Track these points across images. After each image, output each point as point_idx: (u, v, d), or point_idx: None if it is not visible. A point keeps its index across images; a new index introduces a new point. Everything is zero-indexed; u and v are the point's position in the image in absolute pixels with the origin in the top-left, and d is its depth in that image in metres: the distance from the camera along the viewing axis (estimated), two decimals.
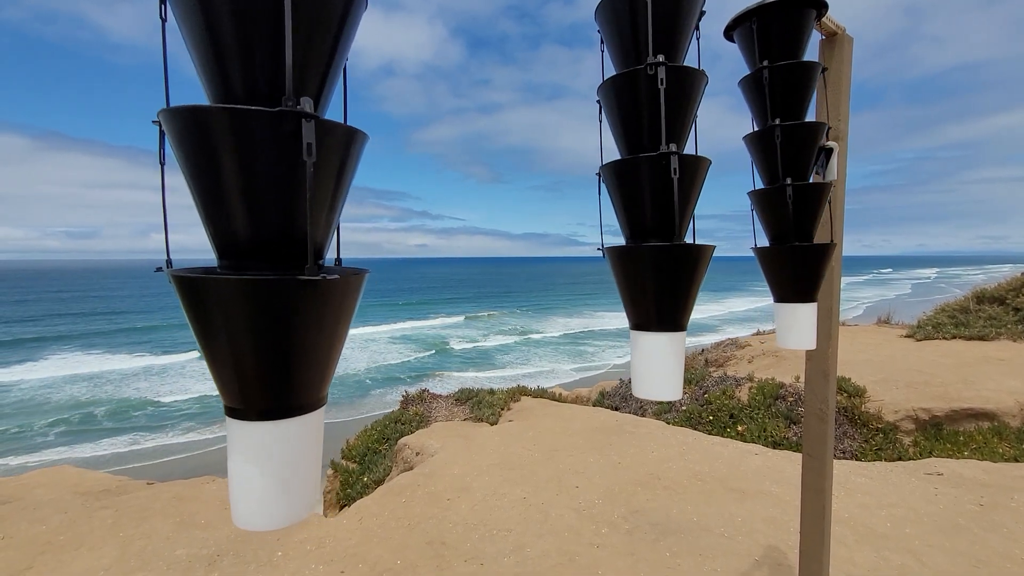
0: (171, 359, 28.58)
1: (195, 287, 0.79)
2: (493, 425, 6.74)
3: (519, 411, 7.29)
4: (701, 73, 1.23)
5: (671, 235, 1.21)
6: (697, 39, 1.31)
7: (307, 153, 0.76)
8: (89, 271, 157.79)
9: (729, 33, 1.77)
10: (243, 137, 0.75)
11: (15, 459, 14.38)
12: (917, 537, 3.68)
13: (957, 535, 3.71)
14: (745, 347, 11.17)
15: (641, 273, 1.25)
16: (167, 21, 0.85)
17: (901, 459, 5.94)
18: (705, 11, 1.27)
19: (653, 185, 1.20)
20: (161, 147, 0.86)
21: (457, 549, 3.62)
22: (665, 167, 1.16)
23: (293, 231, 0.81)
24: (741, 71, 1.75)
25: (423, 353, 31.48)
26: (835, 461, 4.44)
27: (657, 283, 1.23)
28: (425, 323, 45.45)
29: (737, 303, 55.04)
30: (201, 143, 0.76)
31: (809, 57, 1.69)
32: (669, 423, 6.86)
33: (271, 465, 0.86)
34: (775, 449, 5.81)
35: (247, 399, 0.84)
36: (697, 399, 7.65)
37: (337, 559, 3.52)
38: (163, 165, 0.88)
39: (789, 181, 1.66)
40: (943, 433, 6.39)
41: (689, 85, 1.21)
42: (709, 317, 44.89)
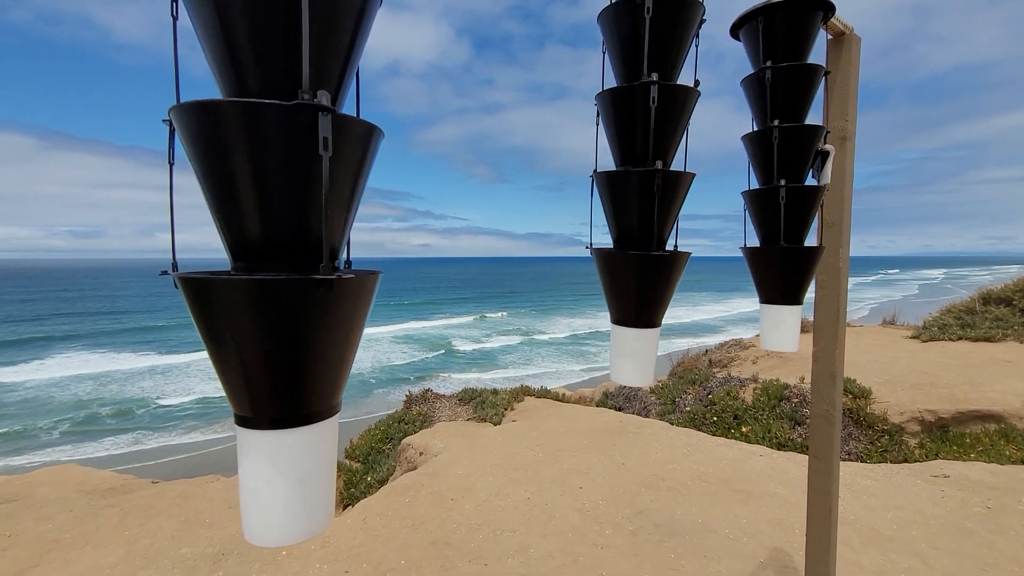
0: (175, 359, 28.68)
1: (204, 289, 0.77)
2: (497, 425, 6.74)
3: (523, 411, 7.29)
4: (693, 90, 1.29)
5: (651, 244, 1.32)
6: (696, 47, 1.34)
7: (324, 147, 0.74)
8: (94, 270, 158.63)
9: (735, 31, 1.77)
10: (258, 131, 0.73)
11: (21, 458, 14.46)
12: (923, 539, 3.66)
13: (964, 538, 3.68)
14: (749, 348, 11.13)
15: (623, 275, 1.38)
16: (178, 19, 0.83)
17: (907, 461, 5.91)
18: (705, 19, 1.29)
19: (639, 197, 1.30)
20: (171, 145, 0.84)
21: (461, 549, 3.61)
22: (650, 182, 1.26)
23: (308, 229, 0.79)
24: (745, 70, 1.75)
25: (426, 353, 31.50)
26: (841, 463, 4.41)
27: (637, 286, 1.37)
28: (428, 323, 45.47)
29: (741, 304, 54.84)
30: (214, 139, 0.74)
31: (816, 57, 1.69)
32: (673, 424, 6.84)
33: (285, 477, 0.82)
34: (780, 450, 5.79)
35: (258, 407, 0.81)
36: (701, 400, 7.63)
37: (341, 558, 3.53)
38: (172, 165, 0.86)
39: (783, 183, 1.67)
40: (949, 435, 6.35)
41: (680, 103, 1.28)
42: (713, 318, 44.74)
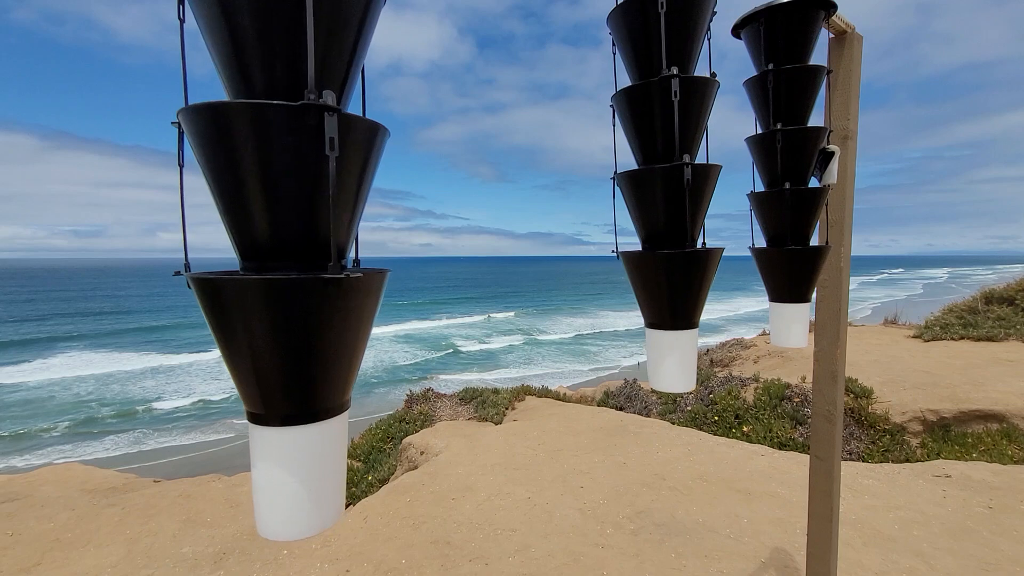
0: (177, 359, 28.74)
1: (216, 289, 0.78)
2: (498, 425, 6.74)
3: (524, 411, 7.29)
4: (713, 81, 1.26)
5: (683, 241, 1.27)
6: (708, 40, 1.32)
7: (330, 147, 0.74)
8: (96, 270, 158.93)
9: (736, 32, 1.76)
10: (265, 132, 0.74)
11: (23, 457, 14.50)
12: (925, 540, 3.65)
13: (966, 538, 3.67)
14: (751, 347, 11.12)
15: (655, 277, 1.33)
16: (185, 22, 0.84)
17: (909, 461, 5.90)
18: (716, 11, 1.28)
19: (667, 194, 1.25)
20: (180, 147, 0.84)
21: (462, 549, 3.62)
22: (679, 177, 1.22)
23: (316, 229, 0.80)
24: (748, 70, 1.75)
25: (428, 353, 31.52)
26: (842, 463, 4.41)
27: (670, 286, 1.31)
28: (430, 323, 45.50)
29: (743, 303, 54.79)
30: (223, 140, 0.75)
31: (818, 55, 1.68)
32: (674, 423, 6.84)
33: (297, 473, 0.83)
34: (781, 450, 5.78)
35: (270, 404, 0.82)
36: (702, 399, 7.62)
37: (342, 558, 3.53)
38: (182, 167, 0.87)
39: (788, 185, 1.69)
40: (951, 435, 6.34)
41: (702, 95, 1.25)
42: (715, 317, 44.69)
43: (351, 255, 0.99)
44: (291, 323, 0.77)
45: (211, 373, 24.82)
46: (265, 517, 0.85)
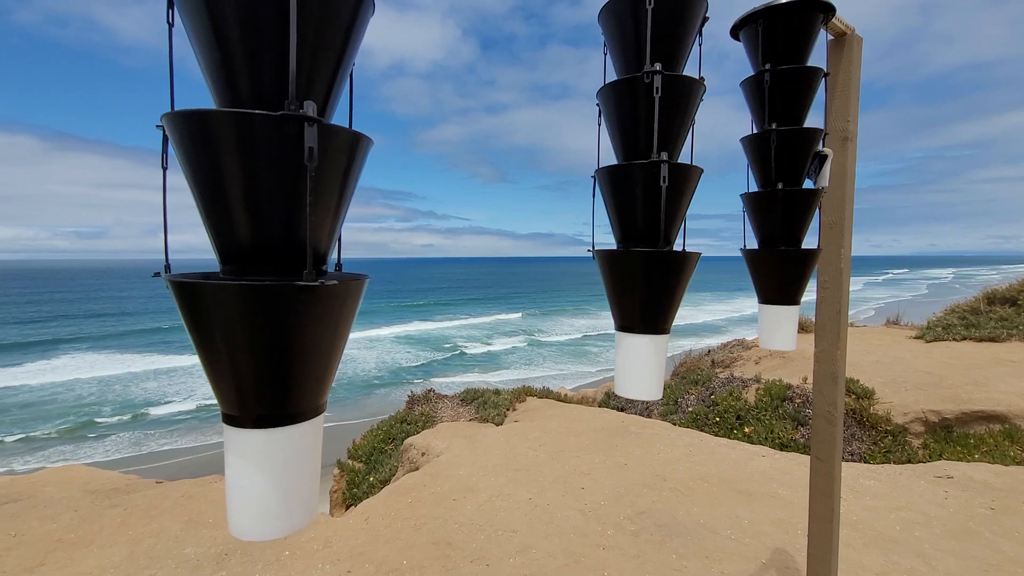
0: (179, 360, 28.79)
1: (192, 292, 0.79)
2: (499, 426, 6.74)
3: (525, 412, 7.29)
4: (698, 82, 1.25)
5: (658, 241, 1.25)
6: (699, 44, 1.32)
7: (308, 158, 0.75)
8: (98, 271, 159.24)
9: (735, 32, 1.77)
10: (245, 141, 0.75)
11: (25, 458, 14.53)
12: (927, 541, 3.65)
13: (968, 539, 3.67)
14: (752, 348, 11.10)
15: (628, 276, 1.29)
16: (174, 26, 0.85)
17: (910, 462, 5.89)
18: (708, 17, 1.28)
19: (643, 192, 1.24)
20: (164, 151, 0.86)
21: (463, 549, 3.62)
22: (655, 175, 1.20)
23: (294, 236, 0.80)
24: (747, 70, 1.75)
25: (429, 354, 31.53)
26: (843, 463, 4.40)
27: (643, 287, 1.28)
28: (431, 324, 45.51)
29: (745, 304, 54.72)
30: (203, 147, 0.76)
31: (819, 58, 1.69)
32: (675, 424, 6.83)
33: (268, 474, 0.84)
34: (782, 451, 5.78)
35: (244, 406, 0.83)
36: (704, 400, 7.62)
37: (343, 558, 3.54)
38: (165, 169, 0.88)
39: (781, 186, 1.68)
40: (953, 436, 6.32)
41: (685, 94, 1.24)
42: (716, 318, 44.65)
43: (333, 257, 1.00)
44: (266, 328, 0.78)
45: None
46: (236, 516, 0.86)
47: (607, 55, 1.36)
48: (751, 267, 1.86)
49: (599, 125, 1.37)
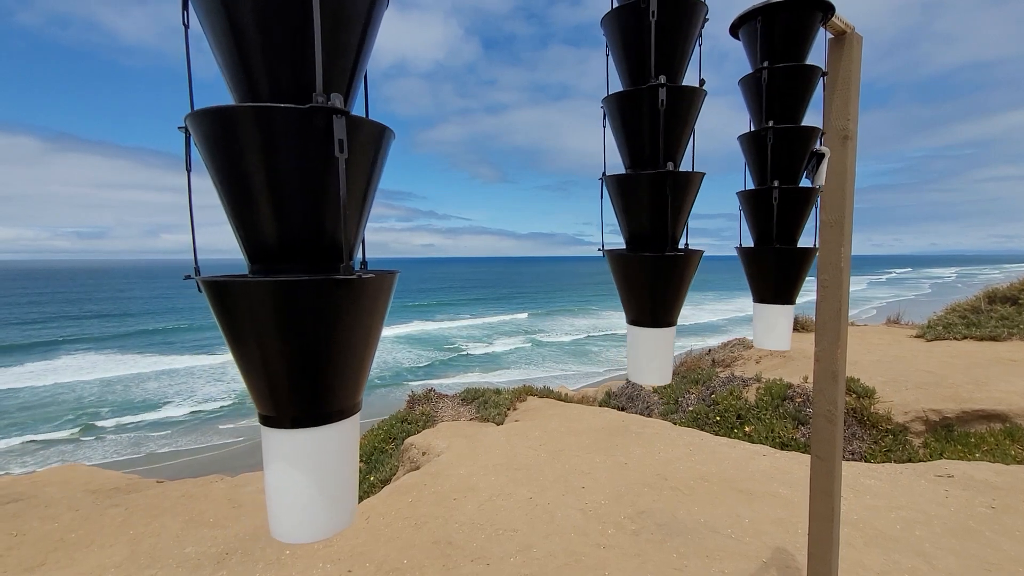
0: (181, 361, 28.80)
1: (227, 292, 0.78)
2: (499, 425, 6.74)
3: (525, 411, 7.29)
4: (699, 91, 1.30)
5: (665, 245, 1.34)
6: (699, 46, 1.35)
7: (339, 149, 0.75)
8: (99, 271, 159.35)
9: (735, 30, 1.77)
10: (274, 135, 0.74)
11: (25, 459, 14.54)
12: (927, 540, 3.64)
13: (968, 538, 3.66)
14: (752, 347, 11.10)
15: (638, 277, 1.40)
16: (189, 27, 0.85)
17: (911, 461, 5.88)
18: (708, 18, 1.30)
19: (651, 200, 1.32)
20: (187, 152, 0.85)
21: (464, 549, 3.62)
22: (662, 184, 1.28)
23: (326, 230, 0.80)
24: (747, 70, 1.75)
25: (430, 354, 31.53)
26: (844, 463, 4.40)
27: (651, 286, 1.39)
28: (432, 324, 45.50)
29: (744, 304, 54.64)
30: (231, 144, 0.75)
31: (819, 57, 1.69)
32: (676, 423, 6.83)
33: (309, 474, 0.83)
34: (783, 450, 5.77)
35: (281, 406, 0.82)
36: (704, 399, 7.61)
37: (344, 558, 3.54)
38: (189, 172, 0.87)
39: (777, 184, 1.69)
40: (954, 435, 6.32)
41: (688, 104, 1.29)
42: (717, 318, 44.61)
43: (358, 256, 0.99)
44: (302, 325, 0.78)
45: (214, 375, 24.87)
46: (277, 519, 0.85)
47: (609, 56, 1.38)
48: (746, 265, 1.86)
49: (604, 129, 1.41)
